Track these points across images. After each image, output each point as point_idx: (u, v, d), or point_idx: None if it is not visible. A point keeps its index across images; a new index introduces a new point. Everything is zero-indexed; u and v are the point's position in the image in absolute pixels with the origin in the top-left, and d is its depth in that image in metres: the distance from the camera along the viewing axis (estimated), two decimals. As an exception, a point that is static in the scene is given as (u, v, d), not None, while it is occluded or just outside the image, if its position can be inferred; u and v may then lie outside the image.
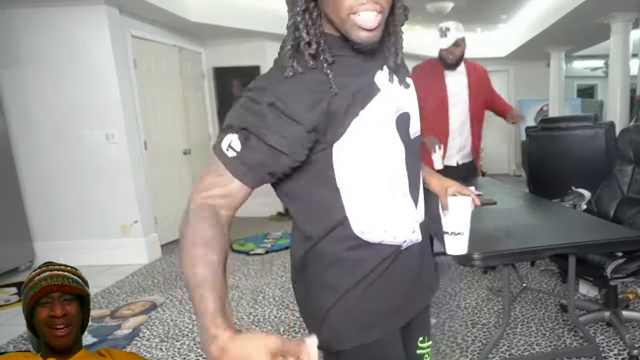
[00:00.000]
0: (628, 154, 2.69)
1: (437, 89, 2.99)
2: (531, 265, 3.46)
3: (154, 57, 4.50)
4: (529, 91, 8.28)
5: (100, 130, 3.89)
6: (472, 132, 3.14)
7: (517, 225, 2.22)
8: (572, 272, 1.95)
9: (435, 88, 2.99)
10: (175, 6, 4.24)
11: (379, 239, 0.92)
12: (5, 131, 3.88)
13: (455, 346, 2.36)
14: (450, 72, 3.02)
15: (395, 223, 0.93)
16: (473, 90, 3.06)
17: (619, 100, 5.21)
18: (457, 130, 3.08)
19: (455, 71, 3.02)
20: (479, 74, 3.14)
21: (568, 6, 4.84)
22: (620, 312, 2.37)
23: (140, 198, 4.08)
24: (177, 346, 2.52)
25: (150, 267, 3.97)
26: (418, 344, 1.11)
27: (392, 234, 0.93)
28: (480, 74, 3.15)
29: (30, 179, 4.02)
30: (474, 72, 3.11)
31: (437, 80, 3.01)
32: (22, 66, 3.82)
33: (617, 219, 2.56)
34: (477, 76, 3.11)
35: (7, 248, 3.83)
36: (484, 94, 3.15)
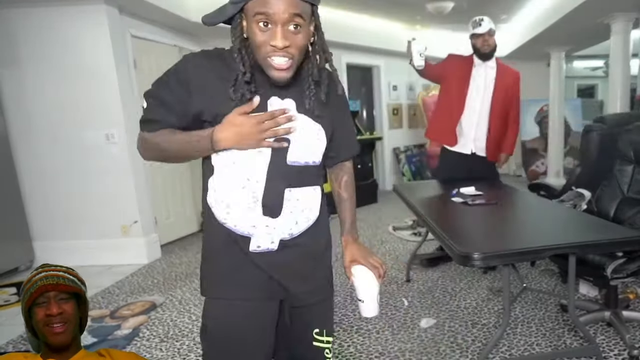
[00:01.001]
0: (628, 154, 2.68)
1: (463, 74, 3.22)
2: (531, 265, 3.46)
3: (154, 57, 4.49)
4: (529, 91, 8.23)
5: (100, 131, 3.89)
6: (491, 128, 3.28)
7: (517, 225, 2.22)
8: (572, 272, 1.95)
9: (461, 73, 3.22)
10: (175, 6, 4.24)
11: (221, 219, 1.12)
12: (5, 131, 3.88)
13: (455, 346, 2.36)
14: (480, 64, 3.20)
15: (236, 214, 1.10)
16: (498, 87, 3.21)
17: (619, 100, 5.21)
18: (475, 119, 3.25)
19: (485, 64, 3.19)
20: (509, 74, 3.30)
21: (568, 6, 4.84)
22: (620, 312, 2.36)
23: (140, 198, 4.08)
24: (176, 346, 2.52)
25: (150, 267, 3.97)
26: (314, 335, 1.25)
27: (232, 222, 1.11)
28: (511, 76, 3.31)
29: (30, 179, 4.02)
30: (505, 71, 3.27)
31: (465, 66, 3.24)
32: (21, 66, 3.82)
33: (617, 219, 2.56)
34: (506, 75, 3.27)
35: (7, 248, 3.82)
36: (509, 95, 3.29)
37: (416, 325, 2.62)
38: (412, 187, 3.87)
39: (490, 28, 3.11)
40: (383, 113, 7.39)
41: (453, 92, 3.29)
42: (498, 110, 3.28)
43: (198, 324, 2.77)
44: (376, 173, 7.03)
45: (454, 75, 3.28)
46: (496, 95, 3.23)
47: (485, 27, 3.10)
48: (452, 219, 2.42)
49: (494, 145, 3.36)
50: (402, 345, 2.40)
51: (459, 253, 1.73)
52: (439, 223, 2.22)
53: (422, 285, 3.23)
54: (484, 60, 3.21)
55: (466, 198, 2.61)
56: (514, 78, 3.33)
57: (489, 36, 3.12)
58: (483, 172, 3.35)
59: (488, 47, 3.14)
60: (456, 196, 2.69)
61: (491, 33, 3.13)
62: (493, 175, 3.45)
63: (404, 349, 2.35)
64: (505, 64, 3.38)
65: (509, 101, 3.32)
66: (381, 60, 7.15)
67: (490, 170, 3.45)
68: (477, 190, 2.78)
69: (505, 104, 3.31)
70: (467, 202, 2.55)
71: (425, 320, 2.66)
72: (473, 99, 3.25)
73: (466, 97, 3.25)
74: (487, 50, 3.15)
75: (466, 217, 2.39)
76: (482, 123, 3.29)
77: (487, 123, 3.30)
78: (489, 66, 3.24)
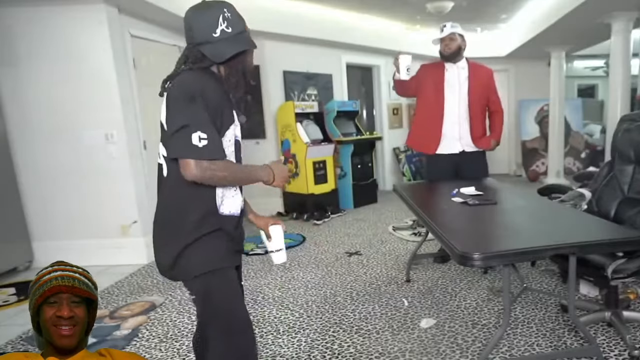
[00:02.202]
0: (628, 154, 2.68)
1: (436, 79, 3.41)
2: (532, 265, 3.45)
3: (153, 57, 4.49)
4: (529, 91, 8.27)
5: (99, 130, 3.89)
6: (472, 124, 3.44)
7: (517, 225, 2.21)
8: (572, 273, 1.94)
9: (434, 78, 3.42)
10: (175, 6, 4.23)
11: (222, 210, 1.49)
12: (3, 131, 3.88)
13: (455, 347, 2.35)
14: (451, 66, 3.40)
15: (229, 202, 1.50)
16: (472, 85, 3.39)
17: (620, 100, 5.20)
18: (455, 118, 3.42)
19: (456, 65, 3.40)
20: (481, 72, 3.47)
21: (568, 6, 4.83)
22: (621, 313, 2.36)
23: (139, 198, 4.07)
24: (176, 346, 2.51)
25: (150, 267, 3.96)
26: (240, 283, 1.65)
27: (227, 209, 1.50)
28: (484, 73, 3.48)
29: (29, 178, 4.01)
30: (476, 69, 3.45)
31: (437, 72, 3.44)
32: (20, 65, 3.81)
33: (618, 219, 2.56)
34: (479, 73, 3.45)
35: (5, 248, 3.82)
36: (485, 91, 3.46)
37: (416, 326, 2.61)
38: (412, 187, 3.87)
39: (452, 32, 3.32)
40: (383, 113, 7.39)
41: (431, 99, 3.46)
42: (476, 106, 3.42)
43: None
44: (376, 173, 7.02)
45: (428, 82, 3.46)
46: (472, 93, 3.39)
47: (445, 32, 3.32)
48: (452, 219, 2.42)
49: (479, 136, 3.49)
50: (402, 345, 2.39)
51: (459, 253, 1.73)
52: (439, 223, 2.22)
53: (422, 286, 3.23)
54: (453, 62, 3.39)
55: (466, 198, 2.61)
56: (487, 75, 3.49)
57: (450, 40, 3.32)
58: (473, 168, 3.51)
59: (449, 50, 3.34)
60: (456, 196, 2.68)
61: (452, 37, 3.32)
62: (483, 171, 3.58)
63: (404, 349, 2.34)
64: (477, 63, 3.53)
65: (486, 96, 3.48)
66: (381, 60, 7.14)
67: (480, 166, 3.59)
68: (477, 190, 2.78)
69: (483, 99, 3.46)
70: (467, 202, 2.54)
71: (426, 321, 2.65)
72: (450, 100, 3.41)
73: (444, 100, 3.41)
74: (447, 53, 3.35)
75: (466, 217, 2.38)
76: (463, 121, 3.43)
77: (468, 120, 3.43)
78: (460, 67, 3.42)
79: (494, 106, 3.54)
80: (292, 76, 5.88)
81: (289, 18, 5.36)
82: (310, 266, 3.78)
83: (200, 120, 1.32)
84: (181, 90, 1.37)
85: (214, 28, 1.39)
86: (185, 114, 1.32)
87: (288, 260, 3.93)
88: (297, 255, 4.12)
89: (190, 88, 1.35)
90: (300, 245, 4.43)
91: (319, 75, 6.24)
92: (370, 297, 3.07)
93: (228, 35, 1.40)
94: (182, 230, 1.44)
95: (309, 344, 2.45)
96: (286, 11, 5.34)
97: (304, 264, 3.85)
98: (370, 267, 3.68)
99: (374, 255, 3.99)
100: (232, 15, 1.42)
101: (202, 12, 1.41)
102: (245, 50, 1.45)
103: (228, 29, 1.40)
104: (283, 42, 5.66)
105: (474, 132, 3.46)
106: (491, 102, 3.52)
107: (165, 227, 1.50)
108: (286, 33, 5.37)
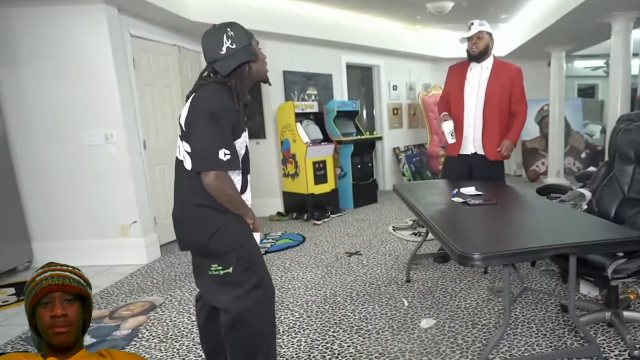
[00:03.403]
0: (629, 153, 2.67)
1: (460, 78, 3.38)
2: (532, 265, 3.45)
3: (153, 57, 4.49)
4: (530, 91, 8.13)
5: (99, 130, 3.89)
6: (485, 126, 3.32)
7: (517, 225, 2.21)
8: (572, 273, 1.94)
9: (458, 79, 3.40)
10: (175, 5, 4.23)
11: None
12: (3, 131, 3.88)
13: (455, 347, 2.35)
14: (475, 65, 3.33)
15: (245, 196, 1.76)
16: (491, 86, 3.27)
17: (620, 99, 5.20)
18: (471, 120, 3.34)
19: (480, 65, 3.31)
20: (505, 70, 3.33)
21: (568, 6, 4.83)
22: (621, 313, 2.35)
23: (139, 198, 4.07)
24: (176, 347, 2.51)
25: (150, 267, 3.96)
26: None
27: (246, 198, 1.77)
28: (507, 72, 3.33)
29: (29, 178, 4.01)
30: (500, 69, 3.32)
31: (461, 72, 3.40)
32: (20, 65, 3.81)
33: (618, 219, 2.55)
34: (503, 72, 3.31)
35: (5, 248, 3.82)
36: (505, 92, 3.30)
37: (416, 326, 2.61)
38: (412, 187, 3.86)
39: (479, 30, 3.23)
40: (383, 113, 7.38)
41: (455, 100, 3.42)
42: (491, 108, 3.29)
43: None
44: (376, 173, 7.02)
45: (454, 83, 3.43)
46: (489, 93, 3.28)
47: (473, 30, 3.24)
48: (452, 219, 2.41)
49: (490, 143, 3.35)
50: (402, 345, 2.39)
51: (459, 253, 1.72)
52: (439, 223, 2.21)
53: (422, 286, 3.22)
54: (478, 62, 3.32)
55: (466, 198, 2.60)
56: (512, 74, 3.34)
57: (477, 39, 3.25)
58: (486, 171, 3.37)
59: (476, 49, 3.26)
60: (456, 196, 2.68)
61: (480, 36, 3.25)
62: (498, 175, 3.44)
63: (404, 350, 2.34)
64: (505, 61, 3.43)
65: (508, 97, 3.32)
66: (381, 60, 7.14)
67: (495, 170, 3.43)
68: (477, 190, 2.78)
69: (503, 102, 3.31)
70: (467, 202, 2.54)
71: (426, 321, 2.65)
72: (468, 102, 3.35)
73: (464, 100, 3.34)
74: (475, 53, 3.27)
75: (466, 217, 2.38)
76: (478, 123, 3.35)
77: (482, 123, 3.34)
78: (484, 67, 3.33)
79: (515, 106, 3.35)
80: (292, 76, 5.88)
81: (289, 18, 5.36)
82: (310, 266, 3.77)
83: (226, 138, 1.56)
84: (204, 106, 1.57)
85: (219, 47, 1.62)
86: (212, 134, 1.55)
87: (288, 260, 3.93)
88: (297, 255, 4.12)
89: (211, 105, 1.57)
90: (300, 245, 4.43)
91: (318, 75, 6.24)
92: (370, 297, 3.07)
93: (233, 51, 1.62)
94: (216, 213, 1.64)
95: (309, 344, 2.45)
96: (286, 11, 5.33)
97: (303, 264, 3.85)
98: (370, 267, 3.68)
99: (374, 255, 3.99)
100: (236, 33, 1.63)
101: (210, 35, 1.65)
102: (248, 62, 1.66)
103: (232, 45, 1.62)
104: (283, 42, 5.66)
105: (486, 136, 3.33)
106: (513, 102, 3.33)
107: (199, 211, 1.65)
108: (286, 33, 5.37)
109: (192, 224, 1.68)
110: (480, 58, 3.30)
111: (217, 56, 1.63)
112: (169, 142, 4.75)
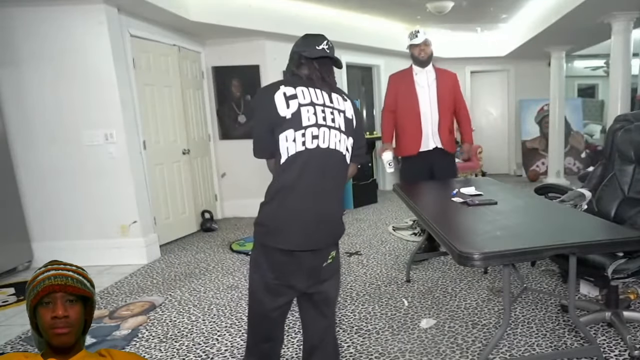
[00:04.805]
0: (629, 153, 2.67)
1: (408, 83, 3.64)
2: (532, 265, 3.45)
3: (153, 57, 4.49)
4: (529, 91, 8.27)
5: (99, 130, 3.88)
6: (440, 120, 3.64)
7: (517, 225, 2.21)
8: (572, 273, 1.94)
9: (406, 84, 3.65)
10: (175, 5, 4.23)
11: None
12: (3, 131, 3.87)
13: (455, 347, 2.35)
14: (420, 70, 3.64)
15: None
16: (440, 85, 3.62)
17: (620, 100, 5.20)
18: (428, 117, 3.63)
19: (425, 69, 3.63)
20: (448, 75, 3.73)
21: (568, 5, 4.82)
22: (621, 313, 2.35)
23: (139, 198, 4.07)
24: (176, 347, 2.51)
25: (150, 267, 3.96)
26: None
27: None
28: (449, 77, 3.73)
29: (29, 178, 4.01)
30: (442, 73, 3.70)
31: (407, 77, 3.68)
32: (20, 65, 3.81)
33: (618, 219, 2.55)
34: (445, 76, 3.69)
35: (5, 248, 3.82)
36: (451, 93, 3.66)
37: (416, 326, 2.61)
38: (412, 187, 3.86)
39: (426, 39, 3.54)
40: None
41: (407, 102, 3.65)
42: (444, 104, 3.62)
43: (197, 324, 2.77)
44: (376, 173, 7.02)
45: (401, 89, 3.66)
46: (440, 91, 3.61)
47: (420, 38, 3.52)
48: (452, 219, 2.41)
49: (446, 136, 3.66)
50: (402, 345, 2.39)
51: (459, 253, 1.72)
52: (439, 223, 2.21)
53: (422, 286, 3.22)
54: (422, 67, 3.62)
55: (466, 198, 2.60)
56: (452, 79, 3.71)
57: (425, 45, 3.55)
58: (449, 165, 3.73)
59: (425, 55, 3.57)
60: (456, 196, 2.68)
61: (427, 43, 3.55)
62: (452, 172, 3.76)
63: (404, 350, 2.34)
64: (442, 68, 3.75)
65: (452, 98, 3.69)
66: (381, 60, 7.14)
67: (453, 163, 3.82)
68: (477, 190, 2.78)
69: (450, 100, 3.66)
70: (467, 202, 2.54)
71: (426, 321, 2.65)
72: (422, 100, 3.61)
73: (418, 99, 3.60)
74: (424, 58, 3.57)
75: (466, 217, 2.38)
76: (434, 118, 3.61)
77: (438, 118, 3.61)
78: (428, 70, 3.64)
79: (462, 111, 3.76)
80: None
81: (289, 18, 5.36)
82: (310, 266, 3.77)
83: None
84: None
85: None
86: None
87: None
88: (297, 255, 4.11)
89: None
90: (300, 245, 4.42)
91: (319, 75, 6.22)
92: (370, 297, 3.07)
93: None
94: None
95: (309, 344, 2.45)
96: (286, 11, 5.33)
97: (303, 264, 3.84)
98: (370, 267, 3.68)
99: (374, 255, 3.99)
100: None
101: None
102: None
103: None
104: (283, 42, 5.65)
105: (441, 129, 3.62)
106: (457, 101, 3.73)
107: (341, 205, 1.77)
108: (286, 33, 5.36)
109: (340, 214, 1.75)
110: (426, 63, 3.60)
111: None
112: (169, 142, 4.76)
